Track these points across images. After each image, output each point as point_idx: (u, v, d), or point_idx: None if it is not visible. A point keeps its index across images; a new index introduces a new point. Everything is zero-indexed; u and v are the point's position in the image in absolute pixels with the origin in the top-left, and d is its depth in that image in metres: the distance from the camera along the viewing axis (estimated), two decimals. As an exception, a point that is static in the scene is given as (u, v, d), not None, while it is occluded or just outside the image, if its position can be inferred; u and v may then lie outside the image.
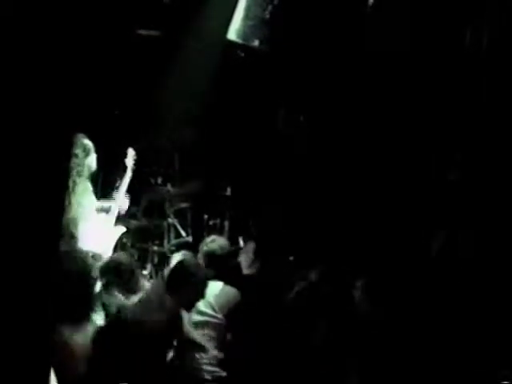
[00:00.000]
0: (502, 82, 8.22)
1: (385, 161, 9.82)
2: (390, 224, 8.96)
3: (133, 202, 8.93)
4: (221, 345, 6.62)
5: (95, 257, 7.60)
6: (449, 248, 7.59)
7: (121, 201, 8.33)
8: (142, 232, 9.97)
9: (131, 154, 8.59)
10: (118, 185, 8.77)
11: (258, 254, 7.54)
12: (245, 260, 7.69)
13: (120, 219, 8.43)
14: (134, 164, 8.55)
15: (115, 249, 8.26)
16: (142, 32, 10.00)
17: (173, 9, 9.28)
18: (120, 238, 8.53)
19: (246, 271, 7.54)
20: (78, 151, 7.52)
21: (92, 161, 7.84)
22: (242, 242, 10.50)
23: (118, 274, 6.60)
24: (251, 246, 7.83)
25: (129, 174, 8.48)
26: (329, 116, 10.92)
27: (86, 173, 7.70)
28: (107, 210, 8.14)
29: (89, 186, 7.84)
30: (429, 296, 6.78)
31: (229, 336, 6.75)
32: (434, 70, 9.32)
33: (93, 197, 7.94)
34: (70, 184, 7.20)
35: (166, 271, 6.73)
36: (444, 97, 9.17)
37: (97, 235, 7.81)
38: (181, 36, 10.06)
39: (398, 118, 10.19)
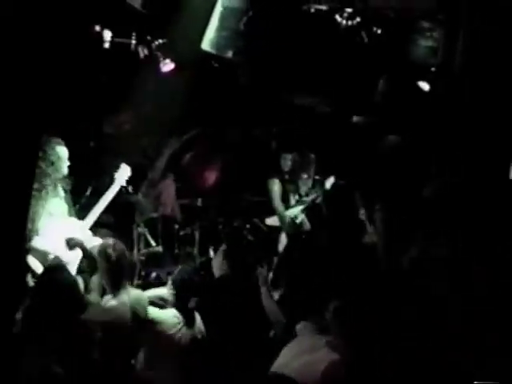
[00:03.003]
0: (480, 91, 8.32)
1: (365, 169, 9.97)
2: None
3: (104, 211, 8.90)
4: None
5: (55, 258, 7.64)
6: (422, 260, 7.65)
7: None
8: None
9: (126, 169, 8.40)
10: (88, 192, 8.76)
11: (227, 257, 7.55)
12: (215, 263, 7.69)
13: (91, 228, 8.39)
14: (127, 181, 8.42)
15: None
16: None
17: (148, 18, 9.29)
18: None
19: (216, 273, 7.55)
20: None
21: (57, 167, 7.81)
22: (212, 253, 10.52)
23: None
24: (222, 248, 7.83)
25: (115, 190, 8.25)
26: (306, 125, 11.08)
27: (46, 178, 7.65)
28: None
29: (49, 191, 7.76)
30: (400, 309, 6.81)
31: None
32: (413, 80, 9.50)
33: (57, 201, 7.88)
34: None
35: None
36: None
37: (60, 237, 7.76)
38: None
39: (378, 125, 10.37)
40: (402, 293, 7.02)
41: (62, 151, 7.85)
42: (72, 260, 7.64)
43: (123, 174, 8.36)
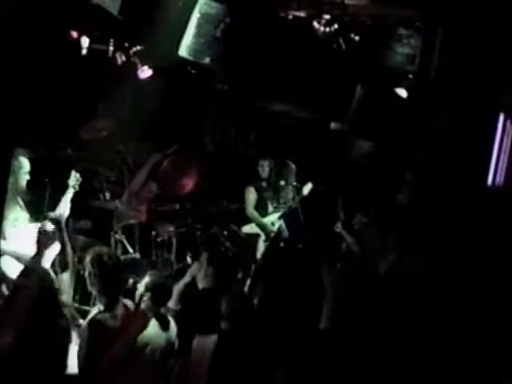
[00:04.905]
0: (457, 98, 8.38)
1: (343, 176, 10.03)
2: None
3: (81, 217, 8.92)
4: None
5: (21, 259, 7.68)
6: (397, 266, 7.70)
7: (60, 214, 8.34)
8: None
9: (75, 176, 8.50)
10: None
11: (210, 262, 7.54)
12: (200, 271, 7.67)
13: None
14: (79, 186, 8.50)
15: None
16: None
17: (125, 25, 9.27)
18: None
19: (201, 284, 7.53)
20: None
21: (17, 177, 7.91)
22: (189, 259, 10.51)
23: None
24: (204, 256, 7.83)
25: (69, 195, 8.39)
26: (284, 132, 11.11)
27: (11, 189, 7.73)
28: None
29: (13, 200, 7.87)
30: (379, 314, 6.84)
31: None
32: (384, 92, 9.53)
33: (19, 208, 8.00)
34: None
35: None
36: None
37: (25, 240, 7.81)
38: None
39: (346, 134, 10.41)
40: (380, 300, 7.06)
41: (25, 163, 8.02)
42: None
43: (73, 179, 8.45)
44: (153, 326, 6.66)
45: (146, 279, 6.91)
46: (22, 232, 7.92)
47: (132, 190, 10.80)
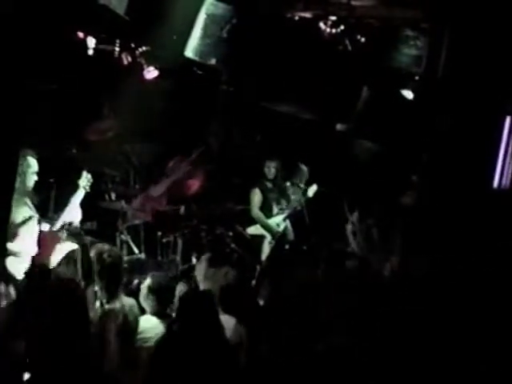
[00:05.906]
0: (464, 100, 8.36)
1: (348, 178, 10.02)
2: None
3: (88, 218, 8.92)
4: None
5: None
6: (402, 268, 7.68)
7: (71, 216, 8.36)
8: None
9: (86, 177, 8.54)
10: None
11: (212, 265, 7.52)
12: (199, 271, 7.66)
13: (74, 235, 8.40)
14: (90, 187, 8.53)
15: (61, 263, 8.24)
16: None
17: (132, 25, 9.28)
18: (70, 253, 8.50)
19: (201, 285, 7.51)
20: None
21: (25, 177, 7.94)
22: (194, 260, 10.50)
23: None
24: (205, 257, 7.82)
25: (80, 195, 8.46)
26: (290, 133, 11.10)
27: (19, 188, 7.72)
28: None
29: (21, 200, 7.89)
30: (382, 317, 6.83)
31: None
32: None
33: (27, 209, 8.02)
34: None
35: None
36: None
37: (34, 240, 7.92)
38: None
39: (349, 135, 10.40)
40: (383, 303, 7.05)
41: (33, 163, 8.05)
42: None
43: (85, 180, 8.49)
44: (155, 327, 6.67)
45: (148, 281, 6.92)
46: (31, 232, 7.96)
47: (153, 195, 10.76)
